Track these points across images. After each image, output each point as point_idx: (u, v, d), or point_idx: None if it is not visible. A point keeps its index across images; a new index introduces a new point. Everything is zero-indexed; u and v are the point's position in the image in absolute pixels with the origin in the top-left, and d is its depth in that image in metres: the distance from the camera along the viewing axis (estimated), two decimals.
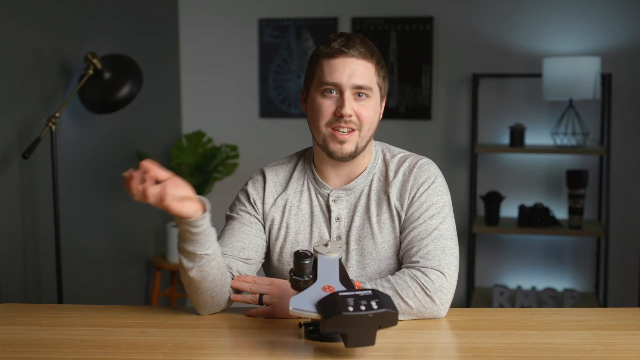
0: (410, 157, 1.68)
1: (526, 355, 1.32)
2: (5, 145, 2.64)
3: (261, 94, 4.15)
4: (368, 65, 1.59)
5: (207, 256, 1.48)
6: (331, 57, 1.58)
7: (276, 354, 1.35)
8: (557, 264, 3.97)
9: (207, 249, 1.48)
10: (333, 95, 1.58)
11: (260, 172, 1.73)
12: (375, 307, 1.23)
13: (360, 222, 1.64)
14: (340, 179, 1.67)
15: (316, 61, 1.62)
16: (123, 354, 1.35)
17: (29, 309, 1.71)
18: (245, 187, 1.72)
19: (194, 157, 3.92)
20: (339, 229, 1.65)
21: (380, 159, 1.69)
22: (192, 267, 1.49)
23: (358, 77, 1.57)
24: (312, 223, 1.66)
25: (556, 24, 3.85)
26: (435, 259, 1.54)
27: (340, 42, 1.58)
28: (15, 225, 2.69)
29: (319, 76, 1.60)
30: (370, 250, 1.62)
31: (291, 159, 1.75)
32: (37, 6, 2.78)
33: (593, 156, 3.87)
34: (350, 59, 1.57)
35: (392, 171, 1.66)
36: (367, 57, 1.58)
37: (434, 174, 1.64)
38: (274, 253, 1.68)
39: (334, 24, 4.01)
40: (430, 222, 1.58)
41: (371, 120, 1.61)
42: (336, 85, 1.57)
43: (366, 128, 1.60)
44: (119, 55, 2.98)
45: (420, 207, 1.60)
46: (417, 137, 4.00)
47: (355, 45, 1.58)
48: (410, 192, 1.62)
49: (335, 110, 1.58)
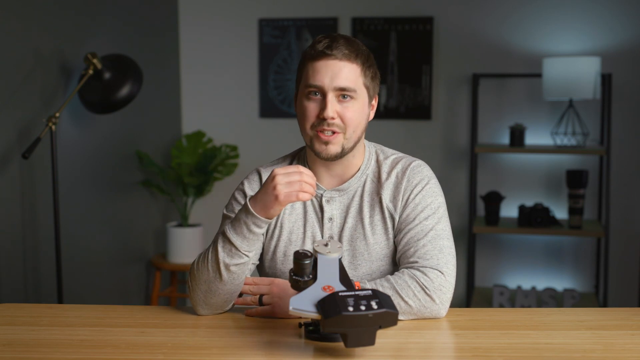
0: (404, 159, 1.68)
1: (526, 355, 1.32)
2: (5, 145, 2.64)
3: (261, 94, 4.15)
4: (352, 66, 1.58)
5: (247, 257, 1.51)
6: (315, 59, 1.58)
7: (276, 354, 1.35)
8: (557, 264, 3.97)
9: (251, 251, 1.52)
10: (317, 97, 1.58)
11: (256, 172, 1.73)
12: (375, 307, 1.23)
13: (353, 223, 1.64)
14: (333, 180, 1.67)
15: (302, 64, 1.62)
16: (123, 354, 1.35)
17: (29, 309, 1.71)
18: (242, 186, 1.72)
19: (194, 157, 3.92)
20: (332, 229, 1.65)
21: (374, 160, 1.70)
22: (228, 264, 1.51)
23: (341, 79, 1.56)
24: (306, 223, 1.67)
25: (556, 24, 3.85)
26: (434, 259, 1.54)
27: (324, 44, 1.58)
28: (15, 225, 2.69)
29: (304, 79, 1.60)
30: (362, 252, 1.63)
31: (285, 159, 1.76)
32: (37, 6, 2.78)
33: (593, 156, 3.87)
34: (333, 60, 1.56)
35: (384, 172, 1.66)
36: (350, 59, 1.57)
37: (427, 176, 1.65)
38: (267, 252, 1.69)
39: (334, 24, 4.01)
40: (426, 222, 1.59)
41: (356, 121, 1.60)
42: (319, 88, 1.57)
43: (351, 130, 1.59)
44: (119, 55, 2.98)
45: (415, 208, 1.61)
46: (417, 137, 4.00)
47: (339, 46, 1.57)
48: (403, 194, 1.62)
49: (318, 112, 1.58)
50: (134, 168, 3.66)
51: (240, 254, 1.51)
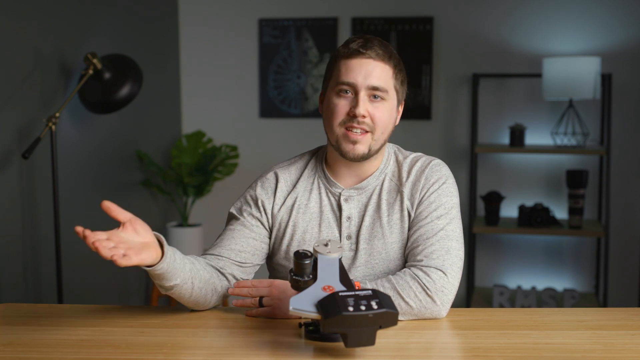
0: (423, 158, 1.68)
1: (526, 355, 1.32)
2: (5, 145, 2.64)
3: (261, 94, 4.15)
4: (385, 67, 1.59)
5: (176, 285, 1.49)
6: (348, 57, 1.59)
7: (276, 354, 1.35)
8: (557, 264, 3.97)
9: (175, 280, 1.48)
10: (348, 95, 1.59)
11: (273, 173, 1.72)
12: (375, 307, 1.23)
13: (371, 221, 1.64)
14: (352, 179, 1.67)
15: (334, 62, 1.63)
16: (123, 354, 1.35)
17: (29, 309, 1.71)
18: (255, 186, 1.71)
19: (194, 157, 3.92)
20: (350, 229, 1.65)
21: (393, 160, 1.70)
22: (166, 292, 1.51)
23: (374, 78, 1.57)
24: (321, 222, 1.66)
25: (556, 24, 3.85)
26: (439, 259, 1.54)
27: (358, 43, 1.59)
28: (15, 226, 2.69)
29: (335, 76, 1.60)
30: (380, 251, 1.62)
31: (303, 156, 1.75)
32: (37, 6, 2.78)
33: (593, 156, 3.87)
34: (367, 60, 1.58)
35: (405, 172, 1.66)
36: (384, 60, 1.59)
37: (445, 175, 1.65)
38: (280, 251, 1.68)
39: (334, 24, 4.01)
40: (438, 222, 1.59)
41: (385, 123, 1.60)
42: (351, 85, 1.57)
43: (379, 130, 1.59)
44: (119, 55, 2.98)
45: (428, 206, 1.61)
46: (417, 137, 4.00)
47: (374, 47, 1.58)
48: (421, 191, 1.63)
49: (349, 110, 1.58)
50: (134, 168, 3.66)
51: (169, 287, 1.48)
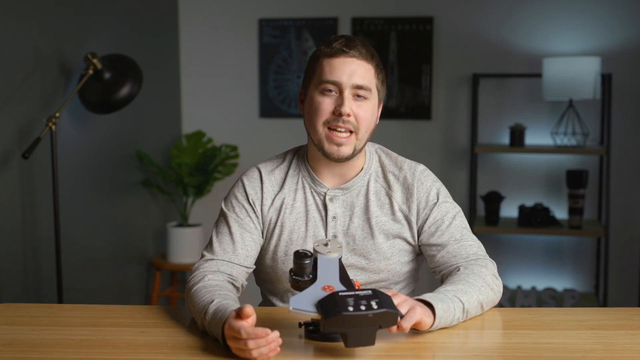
0: (407, 162, 1.71)
1: (526, 355, 1.32)
2: (5, 145, 2.64)
3: (261, 94, 4.15)
4: (368, 66, 1.60)
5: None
6: (332, 56, 1.59)
7: (276, 354, 1.35)
8: (557, 264, 3.97)
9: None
10: (332, 94, 1.59)
11: (256, 169, 1.72)
12: (375, 307, 1.23)
13: (359, 222, 1.64)
14: (335, 179, 1.68)
15: (316, 60, 1.62)
16: (123, 354, 1.35)
17: (29, 309, 1.71)
18: (243, 183, 1.70)
19: (194, 157, 3.92)
20: (335, 228, 1.65)
21: (376, 160, 1.71)
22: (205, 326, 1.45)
23: (358, 77, 1.58)
24: (307, 221, 1.66)
25: (556, 24, 3.85)
26: (481, 250, 1.65)
27: (341, 42, 1.60)
28: (15, 225, 2.69)
29: (318, 75, 1.60)
30: (370, 251, 1.63)
31: (285, 156, 1.75)
32: (37, 6, 2.78)
33: (593, 156, 3.87)
34: (351, 59, 1.58)
35: (390, 173, 1.68)
36: (367, 59, 1.60)
37: (433, 179, 1.70)
38: (267, 252, 1.68)
39: (334, 24, 4.01)
40: (455, 222, 1.66)
41: (368, 122, 1.62)
42: (336, 84, 1.58)
43: (363, 130, 1.61)
44: (119, 55, 2.98)
45: (441, 214, 1.65)
46: (417, 137, 4.00)
47: (357, 46, 1.59)
48: (418, 199, 1.65)
49: (334, 109, 1.58)
50: (134, 168, 3.66)
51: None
